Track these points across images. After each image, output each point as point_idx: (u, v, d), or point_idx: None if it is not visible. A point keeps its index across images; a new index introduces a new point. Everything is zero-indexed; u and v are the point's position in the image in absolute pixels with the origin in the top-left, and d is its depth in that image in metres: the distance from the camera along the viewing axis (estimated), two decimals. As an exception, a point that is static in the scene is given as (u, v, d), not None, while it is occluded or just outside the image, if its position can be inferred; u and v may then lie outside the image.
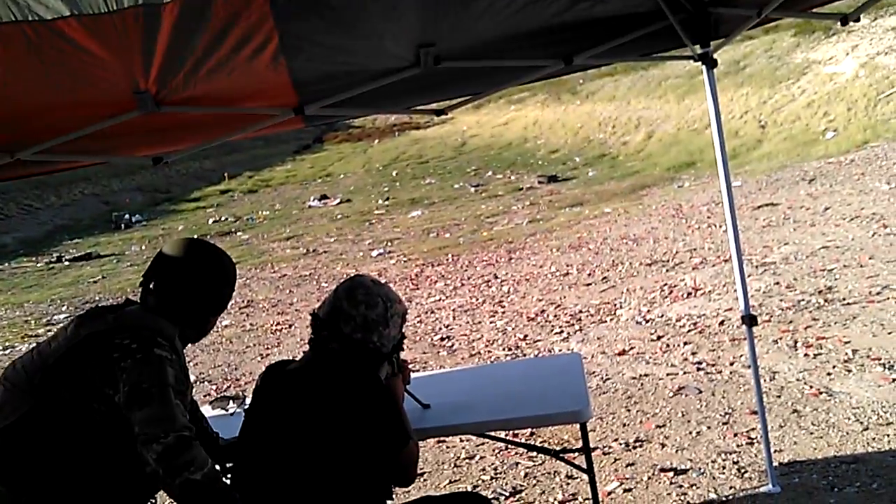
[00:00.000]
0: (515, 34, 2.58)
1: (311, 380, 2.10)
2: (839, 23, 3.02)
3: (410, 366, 3.55)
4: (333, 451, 1.99)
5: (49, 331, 8.67)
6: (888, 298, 5.37)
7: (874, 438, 3.53)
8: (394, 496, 2.22)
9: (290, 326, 7.79)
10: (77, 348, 2.02)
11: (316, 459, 1.99)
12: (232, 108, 2.78)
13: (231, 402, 3.09)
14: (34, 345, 2.17)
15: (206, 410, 3.06)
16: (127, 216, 19.00)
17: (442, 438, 4.19)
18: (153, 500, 2.12)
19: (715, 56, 3.08)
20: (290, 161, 27.84)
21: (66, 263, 14.16)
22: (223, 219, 17.93)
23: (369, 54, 2.51)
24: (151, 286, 2.16)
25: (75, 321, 2.10)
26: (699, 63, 3.04)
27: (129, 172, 23.55)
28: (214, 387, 6.12)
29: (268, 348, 7.11)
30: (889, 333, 4.74)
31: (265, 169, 26.25)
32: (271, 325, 7.93)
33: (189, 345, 2.29)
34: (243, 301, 9.31)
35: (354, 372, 2.08)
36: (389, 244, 12.21)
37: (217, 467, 2.22)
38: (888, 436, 3.52)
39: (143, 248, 14.88)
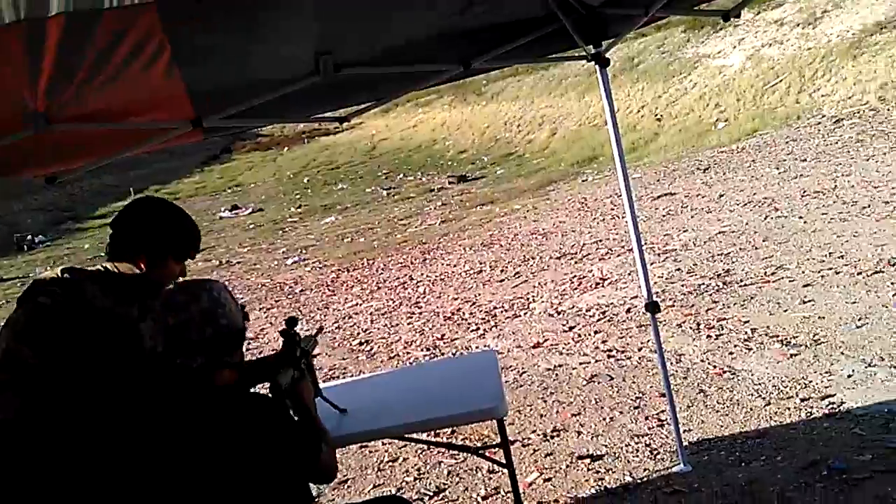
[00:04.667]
0: (413, 40, 2.61)
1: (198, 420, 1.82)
2: (721, 19, 3.20)
3: (330, 373, 3.52)
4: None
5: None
6: (782, 278, 5.68)
7: (776, 413, 3.72)
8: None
9: (204, 342, 7.61)
10: None
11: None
12: (127, 123, 2.70)
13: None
14: None
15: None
16: (30, 237, 18.21)
17: (364, 443, 4.19)
18: None
19: (608, 55, 3.20)
20: (198, 172, 27.13)
21: (-35, 289, 13.40)
22: (129, 235, 17.30)
23: (267, 64, 2.49)
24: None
25: None
26: (593, 62, 3.16)
27: (29, 192, 22.45)
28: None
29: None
30: (785, 311, 5.02)
31: (172, 182, 25.52)
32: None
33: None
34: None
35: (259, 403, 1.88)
36: (304, 251, 12.09)
37: None
38: (789, 409, 3.72)
39: (49, 269, 14.22)
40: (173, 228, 2.30)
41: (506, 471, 2.75)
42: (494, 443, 3.10)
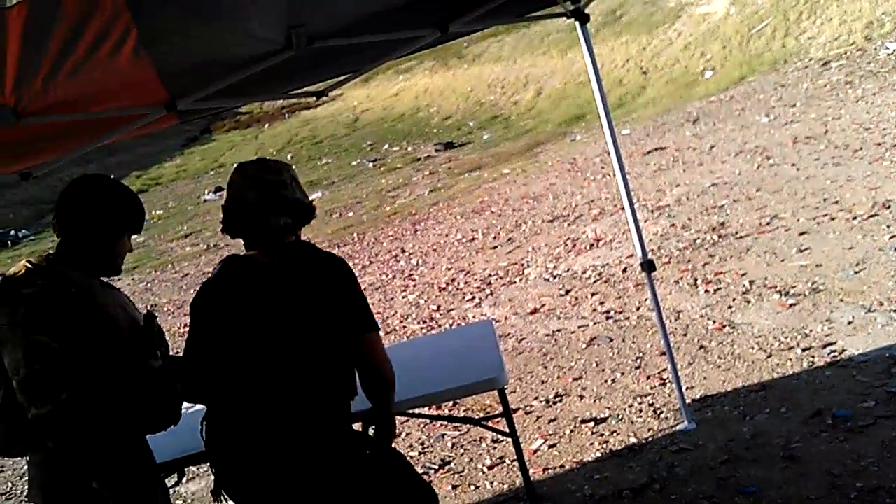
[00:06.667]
0: (386, 8, 2.52)
1: (289, 276, 2.17)
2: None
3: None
4: (306, 342, 2.06)
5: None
6: (777, 228, 5.64)
7: (778, 364, 3.70)
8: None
9: (199, 327, 7.56)
10: None
11: (292, 356, 2.06)
12: (100, 112, 2.61)
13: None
14: None
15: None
16: (13, 232, 18.02)
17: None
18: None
19: (587, 10, 3.11)
20: (179, 156, 26.81)
21: (-51, 289, 13.27)
22: (115, 222, 17.17)
23: (237, 41, 2.39)
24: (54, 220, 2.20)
25: None
26: (573, 19, 3.07)
27: (8, 186, 22.15)
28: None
29: (179, 352, 6.86)
30: (782, 261, 4.98)
31: (153, 167, 25.24)
32: (179, 328, 7.67)
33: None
34: (146, 306, 8.96)
35: (326, 256, 2.23)
36: (292, 229, 11.99)
37: None
38: (790, 360, 3.70)
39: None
40: (109, 209, 2.24)
41: (510, 439, 2.73)
42: (497, 412, 3.08)
